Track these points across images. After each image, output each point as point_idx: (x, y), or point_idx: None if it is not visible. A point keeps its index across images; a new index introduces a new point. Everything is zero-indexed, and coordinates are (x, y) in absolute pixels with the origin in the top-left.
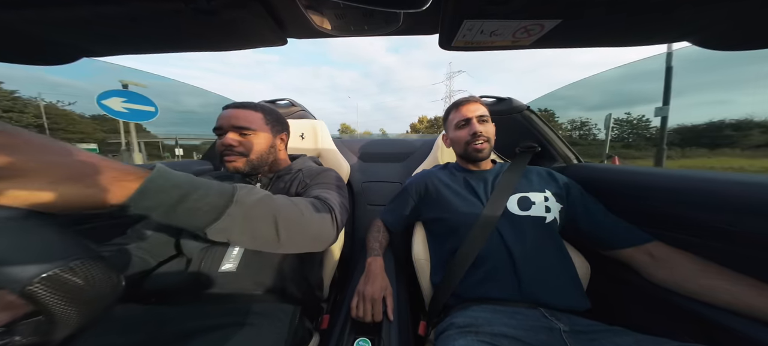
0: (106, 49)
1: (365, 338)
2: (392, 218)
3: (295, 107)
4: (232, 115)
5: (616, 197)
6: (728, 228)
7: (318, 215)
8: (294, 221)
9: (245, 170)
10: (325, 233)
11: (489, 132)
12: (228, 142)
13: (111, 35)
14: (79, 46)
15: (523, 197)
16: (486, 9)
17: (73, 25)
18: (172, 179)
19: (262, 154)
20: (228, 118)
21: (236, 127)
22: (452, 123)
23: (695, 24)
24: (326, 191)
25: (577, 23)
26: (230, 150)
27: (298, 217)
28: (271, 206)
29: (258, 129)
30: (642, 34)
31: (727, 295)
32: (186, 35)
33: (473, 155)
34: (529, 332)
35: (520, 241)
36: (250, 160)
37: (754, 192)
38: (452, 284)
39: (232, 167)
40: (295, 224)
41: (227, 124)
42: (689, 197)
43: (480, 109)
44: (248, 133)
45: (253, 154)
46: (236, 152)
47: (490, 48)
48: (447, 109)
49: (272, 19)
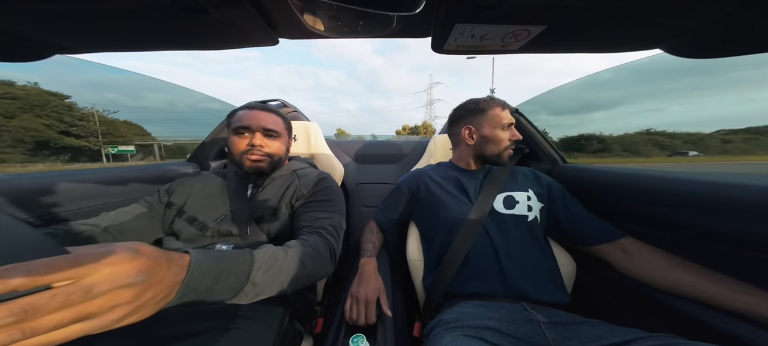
0: (82, 46)
1: (360, 334)
2: (385, 216)
3: (287, 108)
4: (261, 117)
5: (598, 196)
6: (698, 225)
7: (320, 261)
8: (299, 277)
9: (267, 170)
10: (324, 272)
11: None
12: (257, 143)
13: (88, 31)
14: (51, 42)
15: (508, 196)
16: (476, 13)
17: (45, 20)
18: (203, 271)
19: (281, 156)
20: (257, 119)
21: (266, 129)
22: (497, 121)
23: (667, 33)
24: (328, 214)
25: (562, 30)
26: (259, 150)
27: (302, 272)
28: (279, 275)
29: (281, 133)
30: (622, 41)
31: (690, 287)
32: (171, 33)
33: (504, 159)
34: (510, 324)
35: (504, 238)
36: (272, 162)
37: (718, 192)
38: (444, 283)
39: (257, 167)
40: (300, 280)
41: (256, 124)
42: (663, 196)
43: (510, 116)
44: (274, 136)
45: (276, 156)
46: (264, 152)
47: (481, 52)
48: (484, 103)
49: (263, 19)
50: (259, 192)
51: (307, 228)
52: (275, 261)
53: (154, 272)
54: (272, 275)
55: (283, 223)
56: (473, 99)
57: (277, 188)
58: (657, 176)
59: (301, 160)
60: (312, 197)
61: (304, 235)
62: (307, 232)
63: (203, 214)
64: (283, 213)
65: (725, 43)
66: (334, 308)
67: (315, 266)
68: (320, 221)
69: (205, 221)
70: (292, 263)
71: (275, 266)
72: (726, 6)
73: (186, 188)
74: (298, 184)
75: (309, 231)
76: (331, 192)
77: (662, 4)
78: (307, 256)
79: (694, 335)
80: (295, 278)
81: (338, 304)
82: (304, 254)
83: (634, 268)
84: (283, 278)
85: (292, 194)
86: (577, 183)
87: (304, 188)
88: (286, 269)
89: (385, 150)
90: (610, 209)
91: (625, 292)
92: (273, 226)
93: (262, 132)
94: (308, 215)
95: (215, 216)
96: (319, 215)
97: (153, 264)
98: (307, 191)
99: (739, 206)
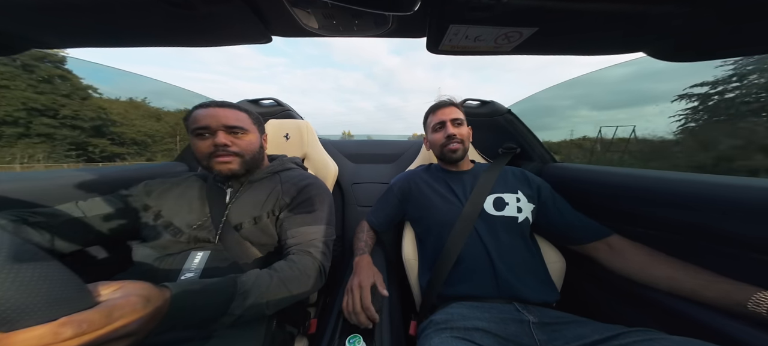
0: (65, 41)
1: (356, 334)
2: (377, 218)
3: (280, 107)
4: (220, 114)
5: (586, 194)
6: (681, 221)
7: (307, 283)
8: (283, 299)
9: (240, 172)
10: (311, 291)
11: (463, 134)
12: (222, 142)
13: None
14: (29, 36)
15: (498, 198)
16: (470, 15)
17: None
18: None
19: (254, 154)
20: (216, 117)
21: (228, 127)
22: (429, 126)
23: (650, 37)
24: (315, 227)
25: (551, 33)
26: (224, 150)
27: (286, 296)
28: (260, 302)
29: (248, 129)
30: (606, 44)
31: (669, 280)
32: (160, 29)
33: (448, 156)
34: (500, 324)
35: (495, 240)
36: (245, 161)
37: (704, 191)
38: (438, 284)
39: (227, 169)
40: (285, 302)
41: (216, 123)
42: (648, 193)
43: (454, 113)
44: (240, 133)
45: (247, 154)
46: (231, 152)
47: (475, 52)
48: (425, 113)
49: (255, 16)
50: (237, 197)
51: (296, 246)
52: (257, 287)
53: (148, 322)
54: (252, 303)
55: (264, 231)
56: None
57: (258, 193)
58: (645, 175)
59: (287, 159)
60: (297, 207)
61: (292, 254)
62: (297, 250)
63: (180, 219)
64: (264, 221)
65: (706, 47)
66: (330, 309)
67: (301, 289)
68: (309, 235)
69: (181, 227)
70: (277, 289)
71: (255, 292)
72: (707, 12)
73: (165, 190)
74: (280, 190)
75: (298, 250)
76: (318, 200)
77: (645, 10)
78: (295, 279)
79: (675, 328)
80: (279, 302)
81: (333, 304)
82: (291, 278)
83: (619, 264)
84: (264, 303)
85: (274, 201)
86: (567, 181)
87: (286, 195)
88: (270, 295)
89: (381, 150)
90: (596, 206)
91: (611, 288)
92: (252, 234)
93: (224, 130)
94: (295, 229)
95: (191, 222)
96: (307, 229)
97: (152, 313)
98: (289, 199)
99: (720, 203)
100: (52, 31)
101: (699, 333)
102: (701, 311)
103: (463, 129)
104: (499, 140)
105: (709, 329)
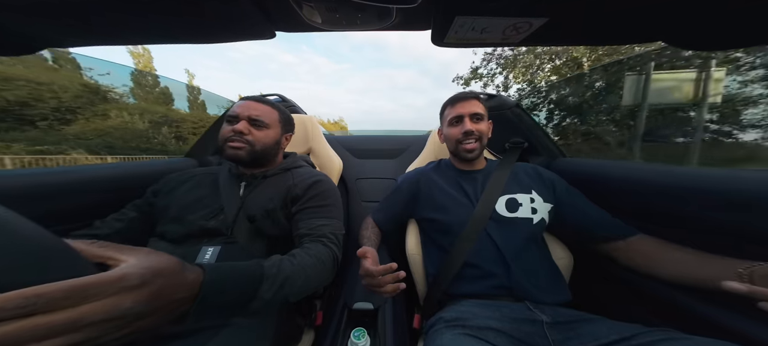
0: (77, 40)
1: (361, 328)
2: (383, 217)
3: (285, 103)
4: (250, 106)
5: (600, 191)
6: (704, 219)
7: (323, 271)
8: (303, 289)
9: (246, 159)
10: (326, 281)
11: (482, 130)
12: (239, 129)
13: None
14: (43, 35)
15: (510, 199)
16: (477, 6)
17: (38, 13)
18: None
19: (266, 147)
20: (246, 107)
21: (252, 119)
22: (446, 119)
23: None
24: (327, 220)
25: (563, 22)
26: (239, 136)
27: (306, 284)
28: (284, 289)
29: (270, 124)
30: (622, 32)
31: (700, 275)
32: (165, 26)
33: (463, 155)
34: (513, 324)
35: (508, 242)
36: (253, 151)
37: (725, 186)
38: (444, 283)
39: (233, 153)
40: (303, 291)
41: (244, 113)
42: (669, 190)
43: (475, 107)
44: (260, 126)
45: (258, 145)
46: (244, 139)
47: (481, 45)
48: (443, 104)
49: (259, 11)
50: (252, 190)
51: (308, 236)
52: (281, 272)
53: (153, 301)
54: (278, 288)
55: (278, 225)
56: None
57: (272, 188)
58: (662, 170)
59: (299, 157)
60: (308, 201)
61: (307, 243)
62: (310, 240)
63: (191, 213)
64: (277, 215)
65: (725, 36)
66: (335, 301)
67: (318, 276)
68: (322, 228)
69: (193, 220)
70: (298, 276)
71: (280, 277)
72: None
73: (173, 186)
74: (292, 183)
75: (311, 239)
76: (328, 195)
77: None
78: (312, 267)
79: (690, 327)
80: (300, 290)
81: (340, 296)
82: (309, 265)
83: (644, 263)
84: (287, 290)
85: (286, 194)
86: (577, 177)
87: (298, 188)
88: (291, 281)
89: (385, 145)
90: (611, 203)
91: (623, 285)
92: (266, 227)
93: (247, 120)
94: (307, 221)
95: (204, 215)
96: (319, 222)
97: (153, 294)
98: (301, 192)
99: (745, 199)
100: (68, 31)
101: (714, 333)
102: (718, 311)
103: (482, 125)
104: (506, 135)
105: (728, 330)
